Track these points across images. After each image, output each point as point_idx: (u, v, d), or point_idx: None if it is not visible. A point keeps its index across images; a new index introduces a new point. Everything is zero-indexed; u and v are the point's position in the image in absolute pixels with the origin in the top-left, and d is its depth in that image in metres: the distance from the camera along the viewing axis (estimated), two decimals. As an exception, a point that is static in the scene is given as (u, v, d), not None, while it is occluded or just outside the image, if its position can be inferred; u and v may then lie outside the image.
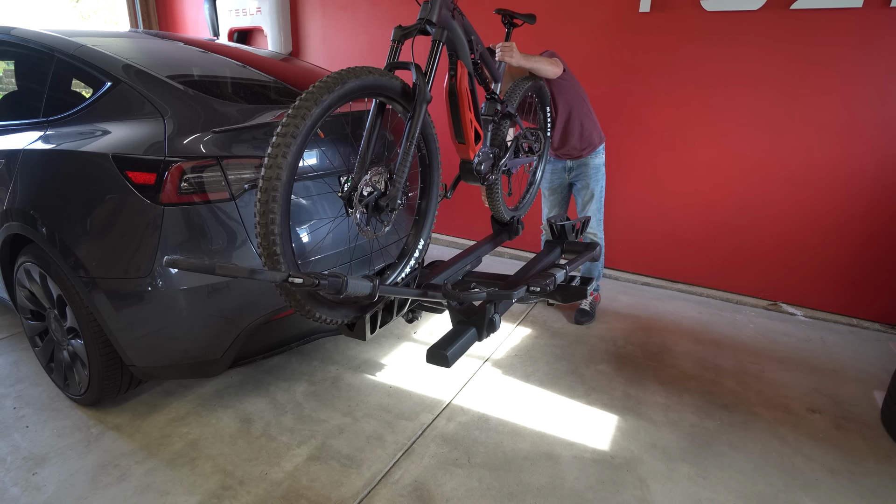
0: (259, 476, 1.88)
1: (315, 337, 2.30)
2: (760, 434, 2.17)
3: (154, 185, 1.74)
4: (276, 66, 2.62)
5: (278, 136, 1.30)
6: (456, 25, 1.76)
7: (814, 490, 1.90)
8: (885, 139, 2.87)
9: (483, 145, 2.07)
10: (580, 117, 2.82)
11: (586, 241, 2.54)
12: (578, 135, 2.84)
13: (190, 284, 1.80)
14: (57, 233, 1.89)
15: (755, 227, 3.28)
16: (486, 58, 2.07)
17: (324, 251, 2.05)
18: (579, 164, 2.95)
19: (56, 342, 2.22)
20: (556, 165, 3.05)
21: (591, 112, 2.89)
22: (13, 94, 2.54)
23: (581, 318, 3.07)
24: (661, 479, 1.92)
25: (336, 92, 1.37)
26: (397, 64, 1.64)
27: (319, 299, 1.56)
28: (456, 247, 4.29)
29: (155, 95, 1.89)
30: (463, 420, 2.20)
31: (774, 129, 3.09)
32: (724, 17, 3.05)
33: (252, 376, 2.45)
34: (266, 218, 1.32)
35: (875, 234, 3.01)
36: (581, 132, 2.84)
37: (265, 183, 1.30)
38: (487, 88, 2.15)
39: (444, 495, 1.82)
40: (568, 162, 2.99)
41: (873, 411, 2.35)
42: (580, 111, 2.82)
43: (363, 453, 2.00)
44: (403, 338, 2.85)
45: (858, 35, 2.79)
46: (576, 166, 2.97)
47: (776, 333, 3.03)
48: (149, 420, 2.15)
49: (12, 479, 1.85)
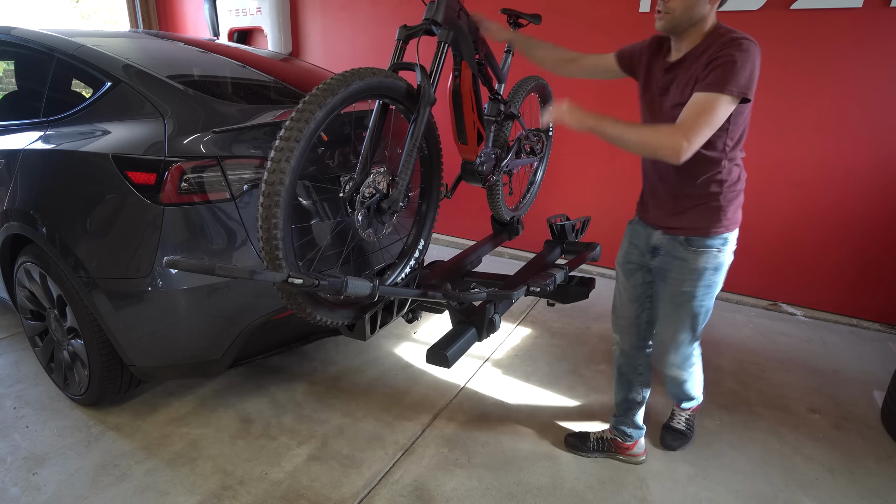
0: (259, 476, 1.88)
1: (315, 337, 2.30)
2: (760, 434, 2.17)
3: (154, 185, 1.74)
4: (277, 66, 2.61)
5: (282, 140, 1.29)
6: (462, 26, 1.75)
7: (814, 490, 1.90)
8: (885, 139, 2.87)
9: (486, 146, 2.06)
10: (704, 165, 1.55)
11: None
12: (699, 181, 1.57)
13: (190, 284, 1.80)
14: (57, 233, 1.89)
15: (755, 227, 3.28)
16: (491, 58, 2.07)
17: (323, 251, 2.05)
18: (671, 246, 1.66)
19: (56, 342, 2.22)
20: (637, 230, 1.81)
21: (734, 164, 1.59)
22: (13, 94, 2.54)
23: (672, 443, 2.05)
24: (661, 479, 1.92)
25: (340, 94, 1.36)
26: (401, 65, 1.63)
27: (319, 301, 1.56)
28: (456, 247, 4.29)
29: (155, 95, 1.89)
30: (463, 420, 2.20)
31: (774, 129, 3.09)
32: (723, 17, 3.01)
33: (252, 376, 2.45)
34: (269, 223, 1.31)
35: (875, 234, 3.01)
36: (692, 191, 1.60)
37: (268, 187, 1.29)
38: (491, 89, 2.15)
39: (444, 495, 1.82)
40: (655, 234, 1.71)
41: (873, 411, 2.35)
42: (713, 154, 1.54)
43: (363, 453, 2.00)
44: (403, 338, 2.85)
45: (858, 35, 2.79)
46: (665, 248, 1.68)
47: (776, 333, 3.03)
48: (149, 420, 2.15)
49: (12, 479, 1.85)
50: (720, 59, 1.39)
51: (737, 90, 1.37)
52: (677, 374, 1.88)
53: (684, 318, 1.71)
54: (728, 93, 1.37)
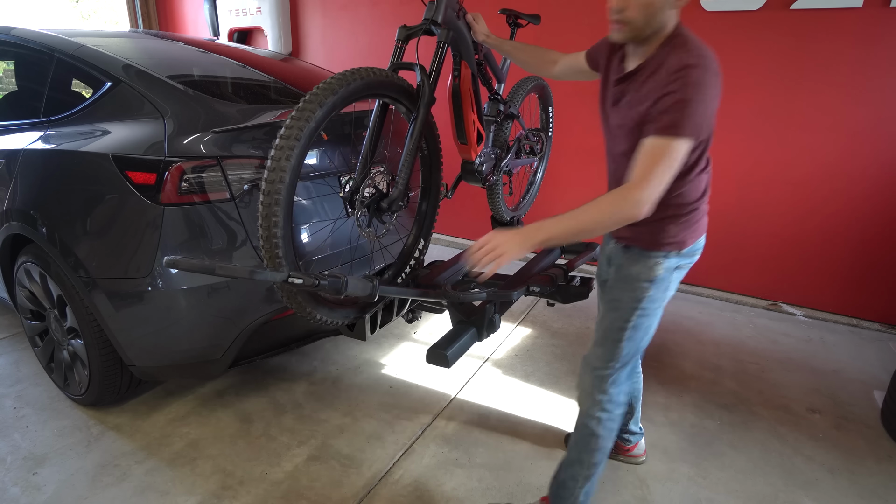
0: (259, 476, 1.88)
1: (315, 337, 2.30)
2: (760, 434, 2.17)
3: (154, 185, 1.74)
4: (277, 66, 2.61)
5: (281, 139, 1.30)
6: (461, 26, 1.75)
7: (814, 490, 1.90)
8: (885, 139, 2.87)
9: (485, 146, 2.07)
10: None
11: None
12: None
13: (190, 284, 1.80)
14: (57, 233, 1.89)
15: (755, 227, 3.28)
16: (490, 58, 2.07)
17: (324, 251, 2.05)
18: (615, 253, 1.56)
19: (56, 342, 2.22)
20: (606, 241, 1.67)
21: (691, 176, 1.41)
22: (13, 94, 2.54)
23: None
24: (661, 479, 1.92)
25: (340, 93, 1.37)
26: (401, 64, 1.64)
27: (320, 300, 1.56)
28: (456, 247, 4.29)
29: (155, 95, 1.89)
30: (463, 420, 2.20)
31: (774, 129, 3.09)
32: (724, 17, 3.05)
33: (252, 376, 2.45)
34: (269, 221, 1.31)
35: (875, 234, 3.01)
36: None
37: (268, 186, 1.30)
38: (490, 89, 2.15)
39: (444, 495, 1.82)
40: (610, 244, 1.61)
41: (873, 411, 2.35)
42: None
43: (363, 453, 2.00)
44: (403, 338, 2.85)
45: (858, 35, 2.79)
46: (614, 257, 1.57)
47: (776, 333, 3.03)
48: (149, 420, 2.15)
49: (12, 479, 1.85)
50: (672, 97, 1.23)
51: (691, 133, 1.24)
52: (583, 409, 1.60)
53: (607, 328, 1.53)
54: (681, 136, 1.24)
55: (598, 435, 1.57)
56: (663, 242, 1.45)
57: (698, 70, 1.23)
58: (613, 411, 1.57)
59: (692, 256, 1.51)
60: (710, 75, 1.25)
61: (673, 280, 1.50)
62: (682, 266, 1.50)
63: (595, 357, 1.58)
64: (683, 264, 1.50)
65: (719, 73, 1.28)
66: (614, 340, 1.52)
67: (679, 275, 1.51)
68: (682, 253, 1.47)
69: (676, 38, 1.33)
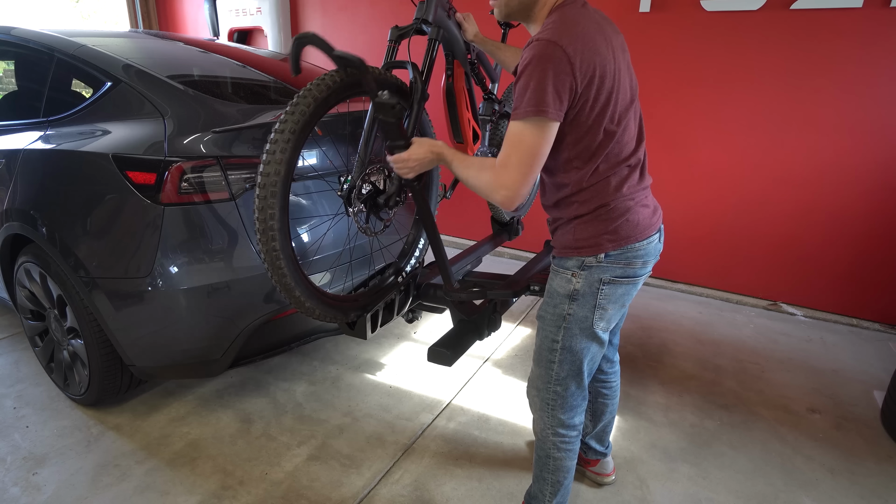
0: (259, 476, 1.88)
1: (315, 337, 2.30)
2: (760, 434, 2.17)
3: (154, 185, 1.74)
4: (277, 66, 2.61)
5: (276, 133, 1.32)
6: (452, 25, 1.76)
7: (814, 490, 1.90)
8: (885, 139, 2.87)
9: (481, 145, 2.07)
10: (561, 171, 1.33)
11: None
12: (554, 203, 1.37)
13: (190, 284, 1.80)
14: (57, 233, 1.89)
15: (755, 227, 3.28)
16: (483, 58, 2.07)
17: (323, 251, 2.05)
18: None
19: (56, 342, 2.22)
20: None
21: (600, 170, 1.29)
22: (13, 94, 2.54)
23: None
24: (661, 479, 1.92)
25: (334, 89, 1.38)
26: (394, 63, 1.65)
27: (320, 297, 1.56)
28: (456, 247, 4.29)
29: (155, 95, 1.89)
30: (463, 420, 2.20)
31: (774, 129, 3.09)
32: (724, 17, 3.05)
33: (252, 376, 2.45)
34: (265, 213, 1.33)
35: (875, 234, 3.01)
36: (559, 200, 1.35)
37: (263, 178, 1.32)
38: (485, 88, 2.16)
39: (444, 495, 1.82)
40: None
41: (873, 411, 2.35)
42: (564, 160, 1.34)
43: (363, 453, 2.00)
44: (403, 338, 2.85)
45: (858, 35, 2.79)
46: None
47: (776, 333, 3.03)
48: (149, 420, 2.15)
49: (12, 479, 1.85)
50: (517, 81, 1.16)
51: (533, 112, 1.11)
52: (536, 431, 1.55)
53: (538, 347, 1.45)
54: (523, 118, 1.13)
55: (553, 457, 1.51)
56: (573, 246, 1.32)
57: (538, 45, 1.12)
58: (567, 434, 1.49)
59: (628, 266, 1.31)
60: (550, 48, 1.11)
61: (607, 295, 1.33)
62: (617, 280, 1.31)
63: (536, 377, 1.48)
64: (617, 276, 1.31)
65: (572, 43, 1.13)
66: (547, 361, 1.42)
67: (616, 290, 1.33)
68: (606, 260, 1.29)
69: (549, 18, 1.21)
